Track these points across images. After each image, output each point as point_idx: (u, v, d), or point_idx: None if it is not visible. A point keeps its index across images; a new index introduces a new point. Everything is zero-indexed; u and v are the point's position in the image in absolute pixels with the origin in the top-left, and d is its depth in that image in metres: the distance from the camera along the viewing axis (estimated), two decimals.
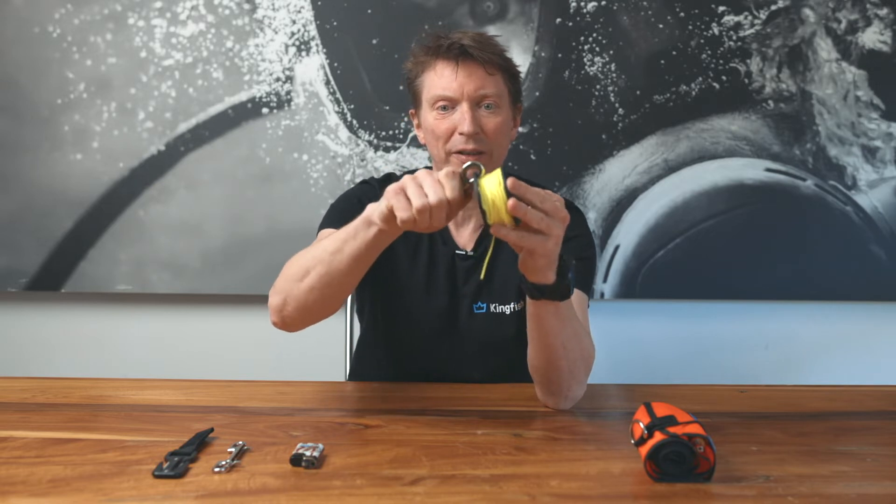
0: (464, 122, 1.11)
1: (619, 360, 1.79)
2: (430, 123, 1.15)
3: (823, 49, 1.73)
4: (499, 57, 1.14)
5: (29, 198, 1.73)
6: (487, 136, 1.13)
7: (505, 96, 1.16)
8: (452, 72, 1.12)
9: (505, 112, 1.16)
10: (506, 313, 1.21)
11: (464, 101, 1.12)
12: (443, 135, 1.14)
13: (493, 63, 1.13)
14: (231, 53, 1.71)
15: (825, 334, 1.83)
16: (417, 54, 1.17)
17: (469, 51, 1.12)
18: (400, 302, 1.23)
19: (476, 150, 1.12)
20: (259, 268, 1.75)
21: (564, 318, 0.99)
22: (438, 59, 1.14)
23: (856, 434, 1.01)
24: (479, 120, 1.13)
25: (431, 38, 1.16)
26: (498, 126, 1.14)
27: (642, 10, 1.71)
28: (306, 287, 1.01)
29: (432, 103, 1.14)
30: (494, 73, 1.14)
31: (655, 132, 1.74)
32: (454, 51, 1.12)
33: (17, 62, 1.71)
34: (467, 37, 1.13)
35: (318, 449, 0.87)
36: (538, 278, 0.93)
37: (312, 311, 1.04)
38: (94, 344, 1.81)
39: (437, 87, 1.13)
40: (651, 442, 0.82)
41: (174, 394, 1.13)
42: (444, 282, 1.21)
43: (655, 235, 1.76)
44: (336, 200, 1.26)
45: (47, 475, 0.82)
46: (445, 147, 1.14)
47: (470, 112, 1.12)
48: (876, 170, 1.75)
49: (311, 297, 1.01)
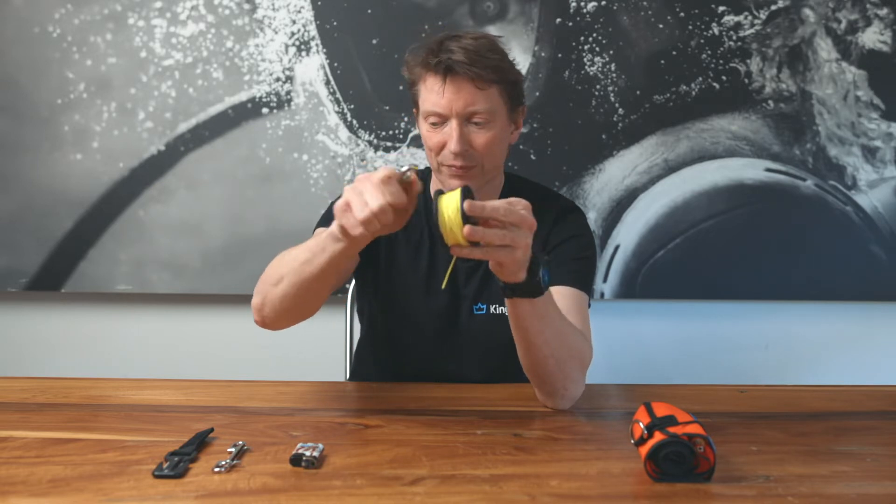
0: (451, 141, 1.10)
1: (618, 360, 1.79)
2: (424, 134, 1.15)
3: (823, 49, 1.73)
4: (491, 70, 1.10)
5: (29, 198, 1.73)
6: (477, 151, 1.12)
7: (498, 109, 1.13)
8: (441, 87, 1.10)
9: (498, 125, 1.13)
10: (506, 314, 1.21)
11: (452, 118, 1.10)
12: (434, 147, 1.14)
13: (483, 78, 1.09)
14: (231, 53, 1.71)
15: (825, 334, 1.82)
16: (411, 64, 1.15)
17: (456, 67, 1.08)
18: (400, 303, 1.23)
19: (465, 166, 1.12)
20: (259, 268, 1.71)
21: (544, 316, 0.99)
22: (428, 72, 1.11)
23: (856, 434, 1.01)
24: (468, 136, 1.11)
25: (423, 49, 1.12)
26: (488, 141, 1.12)
27: (642, 10, 1.71)
28: (280, 293, 1.03)
29: (425, 117, 1.14)
30: (485, 88, 1.10)
31: (655, 132, 1.74)
32: (441, 67, 1.09)
33: (17, 62, 1.70)
34: (459, 49, 1.08)
35: (318, 449, 0.87)
36: (509, 278, 0.94)
37: (289, 314, 1.07)
38: (94, 344, 1.81)
39: (428, 102, 1.12)
40: (651, 442, 0.82)
41: (174, 394, 1.13)
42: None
43: (655, 235, 1.76)
44: (336, 199, 1.26)
45: (47, 475, 0.82)
46: (437, 159, 1.14)
47: (458, 129, 1.10)
48: (876, 170, 1.75)
49: (286, 302, 1.04)
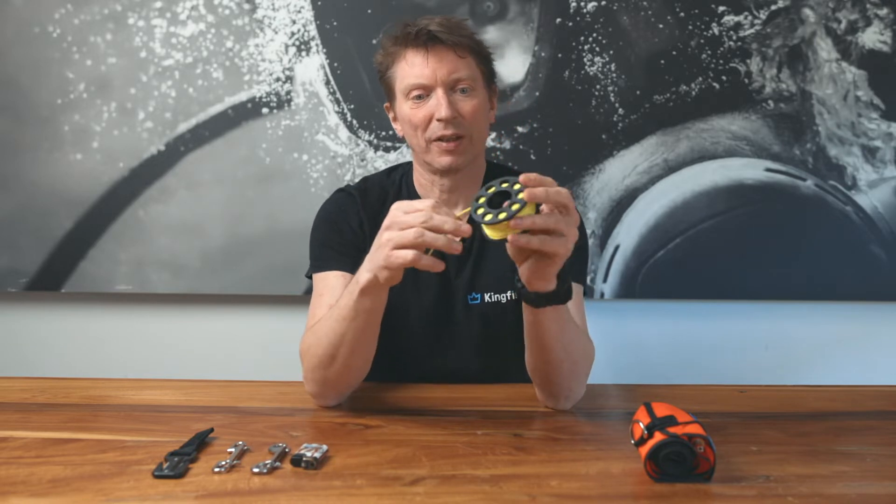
0: (440, 108, 1.10)
1: (618, 360, 1.79)
2: (407, 113, 1.14)
3: (823, 49, 1.72)
4: (468, 39, 1.13)
5: (29, 198, 1.73)
6: (465, 119, 1.12)
7: (478, 79, 1.15)
8: (423, 59, 1.11)
9: (480, 94, 1.15)
10: (502, 302, 1.19)
11: (438, 86, 1.11)
12: (420, 123, 1.13)
13: (463, 45, 1.12)
14: (231, 53, 1.71)
15: (825, 334, 1.82)
16: (386, 46, 1.16)
17: (438, 35, 1.10)
18: (391, 301, 1.22)
19: (455, 134, 1.12)
20: (259, 268, 1.75)
21: (564, 321, 0.99)
22: (408, 47, 1.12)
23: (856, 434, 1.01)
24: (456, 104, 1.12)
25: (399, 27, 1.14)
26: (475, 108, 1.13)
27: (642, 10, 1.71)
28: (341, 366, 1.02)
29: (406, 93, 1.13)
30: (465, 56, 1.12)
31: (655, 132, 1.74)
32: (423, 37, 1.10)
33: (17, 62, 1.70)
34: (434, 22, 1.11)
35: (322, 450, 0.87)
36: (541, 287, 0.92)
37: (354, 379, 1.08)
38: (94, 344, 1.81)
39: (410, 76, 1.12)
40: (651, 442, 0.82)
41: (174, 394, 1.13)
42: (434, 276, 1.18)
43: (655, 235, 1.76)
44: (314, 229, 1.23)
45: (47, 475, 0.82)
46: (425, 135, 1.13)
47: (445, 97, 1.11)
48: (876, 170, 1.75)
49: (354, 373, 1.05)
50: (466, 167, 1.17)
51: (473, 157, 1.18)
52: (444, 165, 1.14)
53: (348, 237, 1.18)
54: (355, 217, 1.20)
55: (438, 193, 1.20)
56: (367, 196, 1.22)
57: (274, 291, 1.76)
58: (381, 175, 1.28)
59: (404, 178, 1.26)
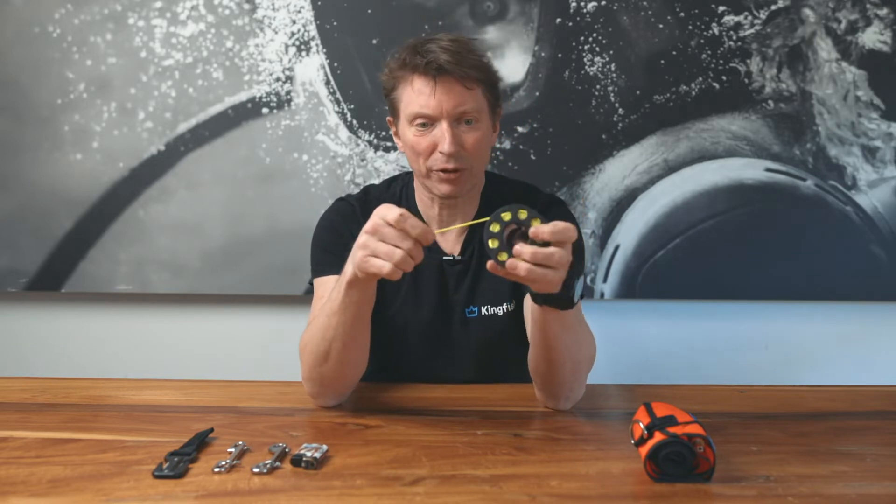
0: (444, 142, 1.09)
1: (619, 360, 1.79)
2: (410, 140, 1.13)
3: (823, 49, 1.72)
4: (477, 70, 1.11)
5: (29, 198, 1.73)
6: (468, 151, 1.12)
7: (484, 109, 1.14)
8: (431, 89, 1.09)
9: (484, 125, 1.14)
10: (498, 314, 1.21)
11: (443, 119, 1.10)
12: (423, 151, 1.12)
13: (471, 77, 1.10)
14: (231, 53, 1.71)
15: (825, 334, 1.82)
16: (393, 68, 1.14)
17: (446, 67, 1.08)
18: (389, 312, 1.22)
19: (457, 168, 1.12)
20: (259, 268, 1.75)
21: (568, 323, 0.99)
22: (416, 74, 1.11)
23: (856, 434, 1.01)
24: (460, 136, 1.11)
25: (407, 51, 1.12)
26: (478, 141, 1.13)
27: (642, 10, 1.71)
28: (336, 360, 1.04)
29: (411, 120, 1.12)
30: (473, 87, 1.11)
31: (655, 132, 1.74)
32: (432, 68, 1.09)
33: (17, 62, 1.70)
34: (444, 50, 1.09)
35: (322, 450, 0.87)
36: (544, 290, 0.93)
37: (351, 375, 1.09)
38: (94, 344, 1.81)
39: (416, 104, 1.11)
40: (651, 442, 0.82)
41: (174, 394, 1.13)
42: (433, 289, 1.21)
43: (655, 235, 1.76)
44: (315, 236, 1.25)
45: (47, 475, 0.82)
46: (426, 163, 1.13)
47: (450, 130, 1.10)
48: (876, 170, 1.75)
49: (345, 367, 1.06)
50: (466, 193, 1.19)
51: (473, 185, 1.19)
52: (444, 194, 1.15)
53: (349, 244, 1.19)
54: (356, 226, 1.20)
55: (438, 210, 1.21)
56: (367, 207, 1.22)
57: (274, 291, 1.76)
58: (381, 188, 1.29)
59: (404, 190, 1.26)
